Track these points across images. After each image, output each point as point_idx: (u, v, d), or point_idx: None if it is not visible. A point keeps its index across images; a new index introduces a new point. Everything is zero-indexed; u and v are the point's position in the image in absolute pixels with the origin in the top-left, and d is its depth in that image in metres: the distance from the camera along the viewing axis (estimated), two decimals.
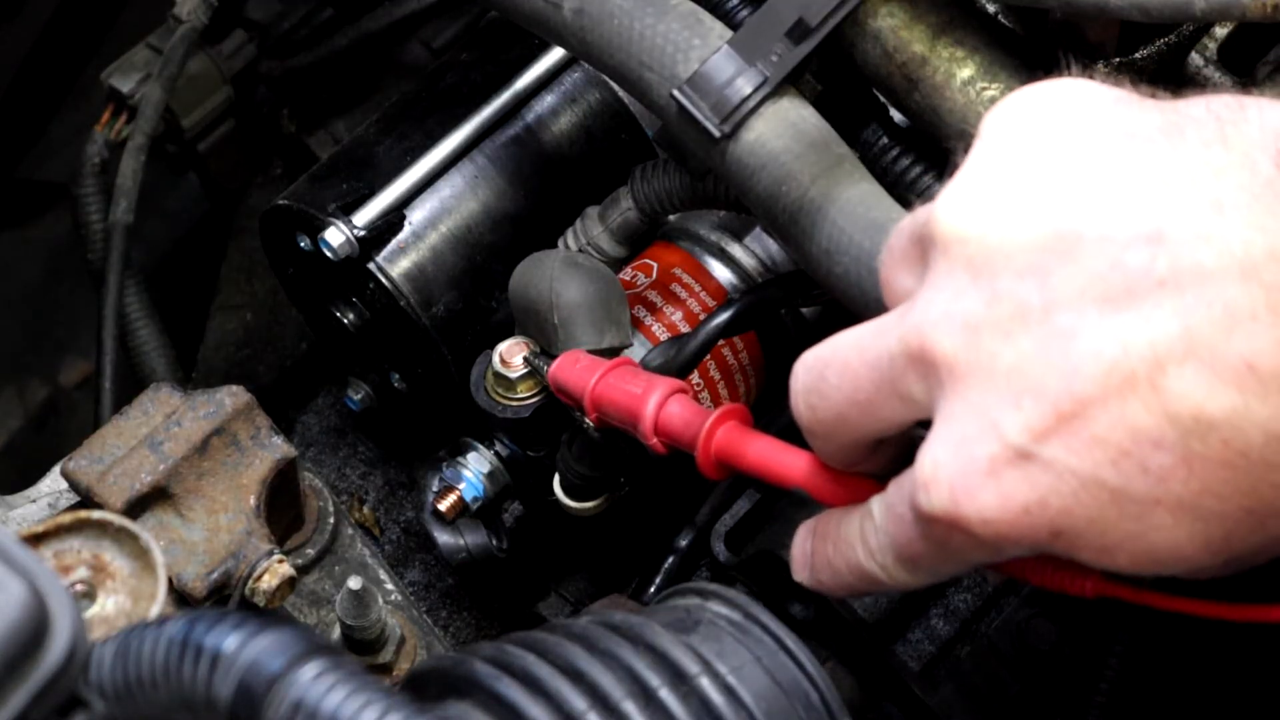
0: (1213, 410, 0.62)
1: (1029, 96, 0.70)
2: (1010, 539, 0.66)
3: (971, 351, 0.65)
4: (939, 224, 0.68)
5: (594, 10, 0.93)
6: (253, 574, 0.91)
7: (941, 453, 0.66)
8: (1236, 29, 0.96)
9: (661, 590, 1.08)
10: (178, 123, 1.51)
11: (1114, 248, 0.63)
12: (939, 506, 0.67)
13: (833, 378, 0.72)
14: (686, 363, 1.01)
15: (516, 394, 1.08)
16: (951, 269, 0.67)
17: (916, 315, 0.68)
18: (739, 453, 0.84)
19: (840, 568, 0.76)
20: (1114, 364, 0.63)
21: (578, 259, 1.07)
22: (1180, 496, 0.63)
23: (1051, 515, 0.65)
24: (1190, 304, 0.62)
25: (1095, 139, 0.67)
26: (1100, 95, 0.69)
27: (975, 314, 0.66)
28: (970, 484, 0.66)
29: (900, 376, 0.69)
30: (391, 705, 0.65)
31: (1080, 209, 0.65)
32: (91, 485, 0.91)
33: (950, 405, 0.66)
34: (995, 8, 0.97)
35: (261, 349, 1.49)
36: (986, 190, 0.67)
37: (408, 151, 1.17)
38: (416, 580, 1.31)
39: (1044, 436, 0.64)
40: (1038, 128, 0.68)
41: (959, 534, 0.67)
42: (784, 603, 1.06)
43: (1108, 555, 0.66)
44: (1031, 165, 0.67)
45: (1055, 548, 0.66)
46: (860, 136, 0.98)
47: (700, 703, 0.74)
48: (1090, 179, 0.65)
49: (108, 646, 0.69)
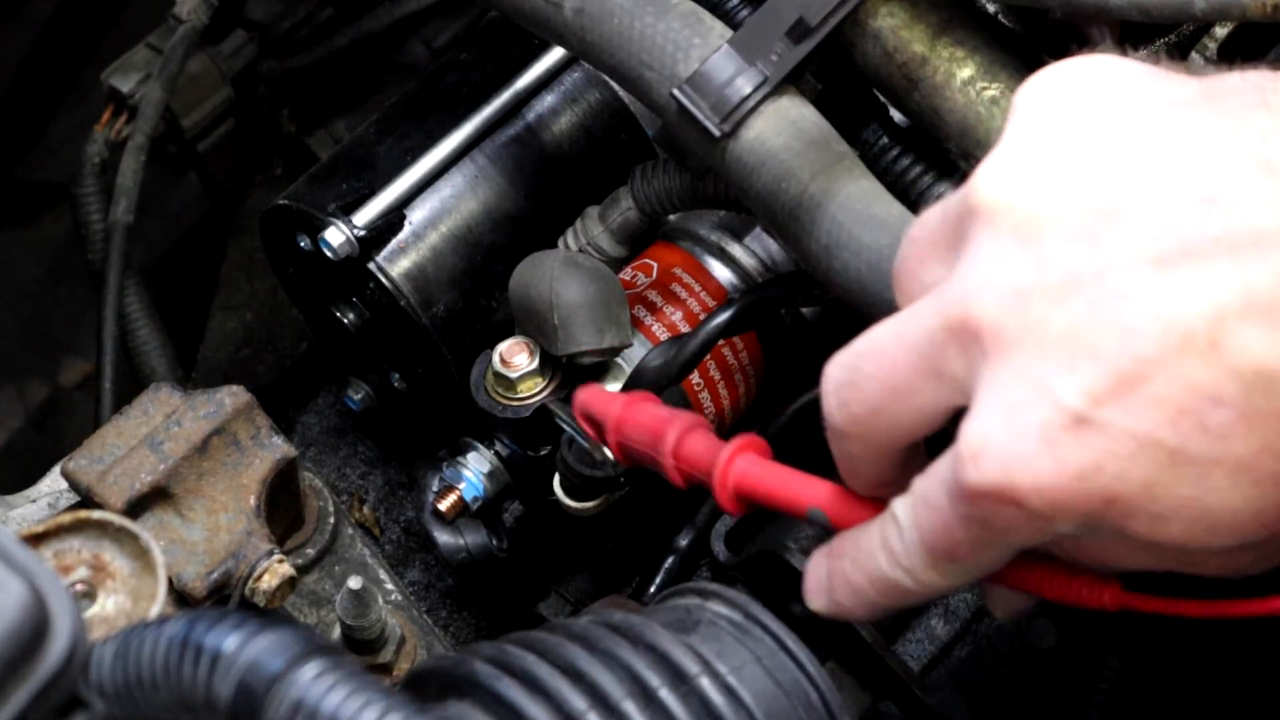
0: (1275, 365, 0.61)
1: (1063, 70, 0.69)
2: (1063, 507, 0.65)
3: (1020, 316, 0.64)
4: (981, 194, 0.67)
5: (594, 9, 0.93)
6: (253, 574, 0.91)
7: (990, 421, 0.65)
8: (1236, 29, 0.96)
9: (661, 590, 1.08)
10: (178, 123, 1.51)
11: (1167, 210, 0.63)
12: (990, 478, 0.65)
13: (868, 367, 0.71)
14: (686, 363, 1.01)
15: (516, 394, 1.08)
16: (996, 237, 0.66)
17: (957, 287, 0.67)
18: (755, 484, 0.81)
19: (861, 583, 0.74)
20: (1172, 322, 0.62)
21: (578, 259, 1.07)
22: (1240, 456, 0.62)
23: (1106, 480, 0.64)
24: (1248, 263, 0.62)
25: (1136, 107, 0.66)
26: (1134, 68, 0.68)
27: (1024, 279, 0.65)
28: (1023, 450, 0.64)
29: (940, 354, 0.67)
30: (391, 705, 0.65)
31: (1129, 173, 0.64)
32: (91, 485, 0.91)
33: (996, 373, 0.65)
34: (995, 8, 0.97)
35: (261, 349, 1.49)
36: (1030, 159, 0.67)
37: (408, 151, 1.17)
38: (416, 580, 1.31)
39: (1101, 399, 0.63)
40: (1076, 98, 0.68)
41: (1008, 508, 0.65)
42: (784, 603, 1.06)
43: (1160, 523, 0.65)
44: (1074, 133, 0.67)
45: (1107, 517, 0.65)
46: (860, 136, 0.98)
47: (700, 703, 0.74)
48: (1136, 144, 0.65)
49: (108, 646, 0.69)
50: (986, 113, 0.92)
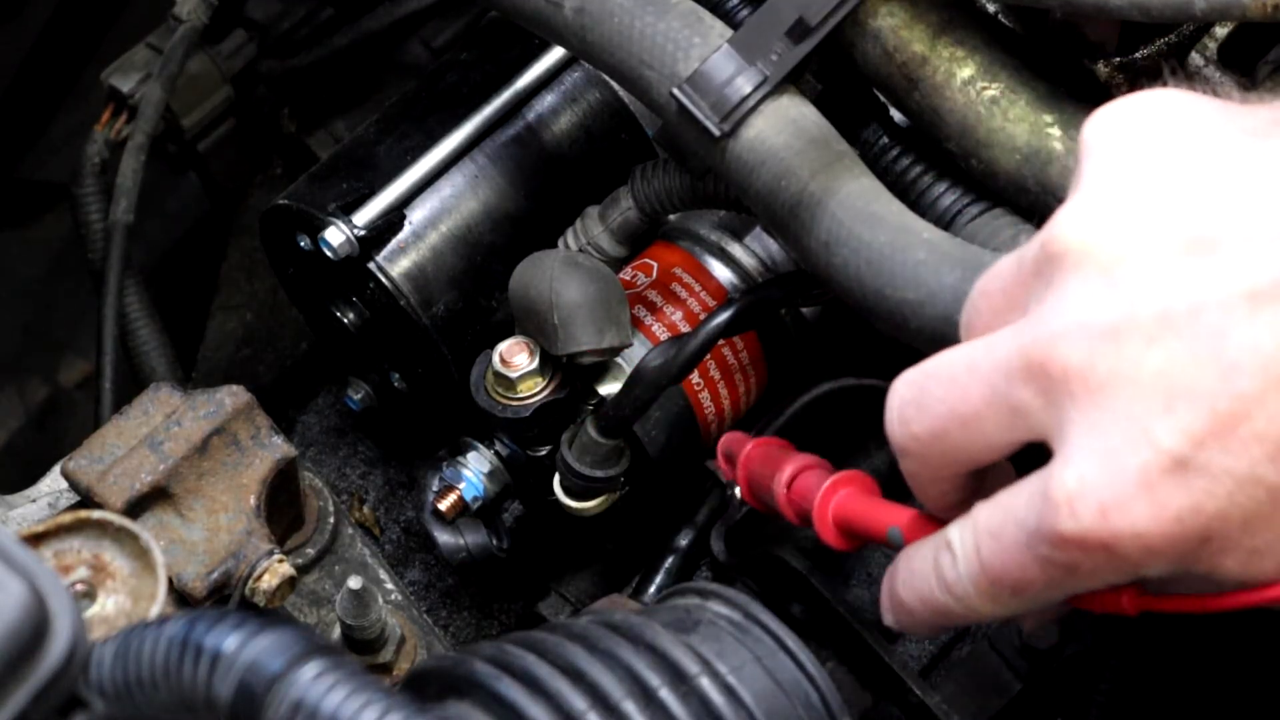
0: None
1: (1130, 105, 0.69)
2: (1159, 552, 0.64)
3: (1112, 358, 0.63)
4: (1065, 239, 0.66)
5: (594, 9, 0.93)
6: (253, 574, 0.91)
7: (1085, 466, 0.64)
8: (1237, 29, 0.96)
9: (661, 590, 1.08)
10: (178, 123, 1.51)
11: (1257, 242, 0.62)
12: (1085, 525, 0.64)
13: (936, 389, 0.70)
14: (686, 363, 1.01)
15: (516, 394, 1.08)
16: (1084, 279, 0.65)
17: (1041, 326, 0.65)
18: (847, 514, 0.85)
19: (913, 603, 0.74)
20: (1271, 357, 0.61)
21: (578, 259, 1.07)
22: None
23: (1205, 520, 0.63)
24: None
25: (1211, 139, 0.66)
26: (1200, 101, 0.68)
27: (1114, 321, 0.64)
28: (1122, 496, 0.63)
29: (1015, 391, 0.66)
30: (391, 705, 0.65)
31: (1214, 207, 0.64)
32: (91, 485, 0.91)
33: (1088, 416, 0.64)
34: (995, 8, 0.97)
35: (261, 349, 1.49)
36: (1111, 198, 0.66)
37: (408, 151, 1.17)
38: (416, 580, 1.31)
39: (1201, 440, 0.62)
40: (1147, 134, 0.67)
41: (1100, 554, 0.64)
42: (784, 603, 1.06)
43: (1256, 558, 0.64)
44: (1152, 169, 0.66)
45: (1200, 556, 0.64)
46: (860, 136, 0.98)
47: (700, 703, 0.74)
48: (1217, 176, 0.64)
49: (108, 646, 0.69)
50: (986, 113, 0.91)
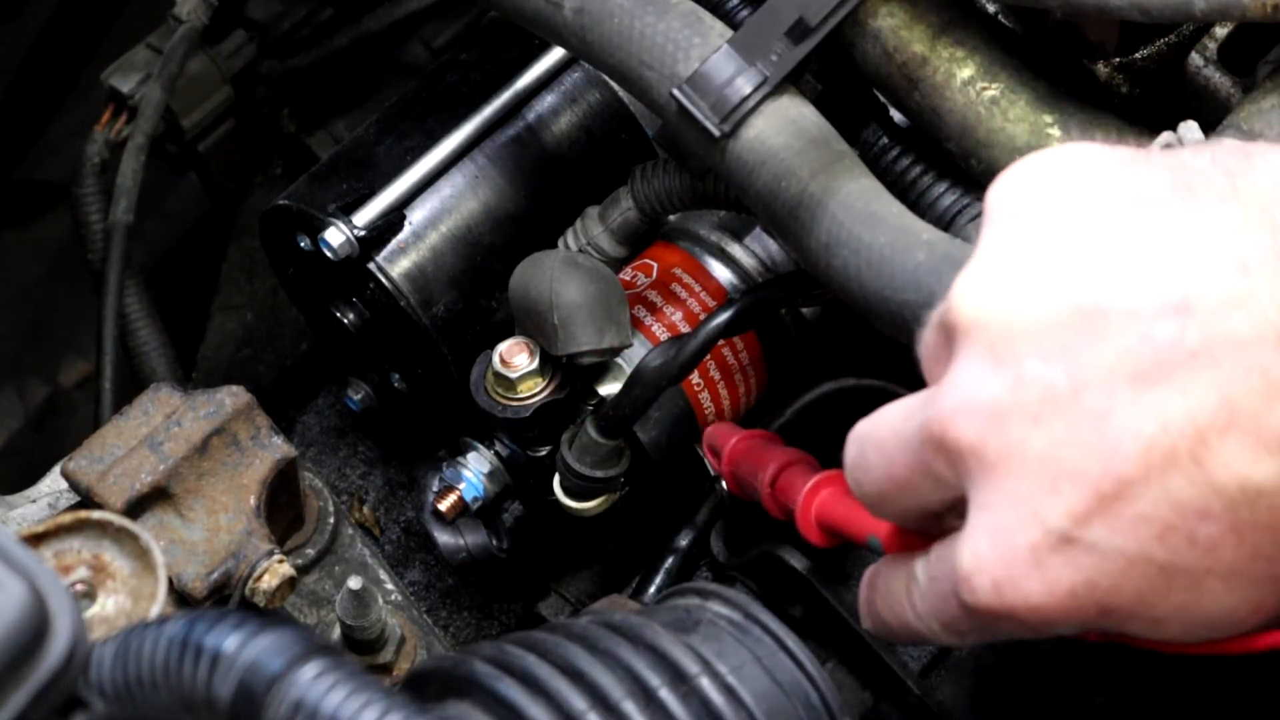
0: (1259, 479, 0.61)
1: (1032, 167, 0.68)
2: (1058, 622, 0.65)
3: (999, 439, 0.64)
4: (957, 310, 0.66)
5: (594, 9, 0.93)
6: (253, 574, 0.91)
7: (981, 544, 0.65)
8: (1236, 29, 0.96)
9: (661, 590, 1.08)
10: (178, 123, 1.51)
11: (1141, 321, 0.62)
12: (983, 600, 0.65)
13: (872, 455, 0.71)
14: (686, 363, 1.01)
15: (516, 394, 1.08)
16: (972, 354, 0.65)
17: (938, 403, 0.66)
18: (829, 515, 0.86)
19: (891, 621, 0.75)
20: (1152, 441, 0.61)
21: (578, 259, 1.07)
22: (1231, 564, 0.62)
23: (1099, 596, 0.64)
24: (1226, 374, 0.61)
25: (1107, 207, 0.65)
26: (1105, 159, 0.67)
27: (999, 400, 0.64)
28: (1014, 574, 0.64)
29: (930, 460, 0.67)
30: (391, 705, 0.65)
31: (1101, 282, 0.63)
32: (91, 485, 0.91)
33: (983, 494, 0.65)
34: (995, 8, 0.97)
35: (261, 349, 1.49)
36: (1002, 270, 0.66)
37: (408, 151, 1.17)
38: (416, 580, 1.31)
39: (1086, 519, 0.63)
40: (1046, 200, 0.67)
41: (1007, 621, 0.66)
42: (784, 603, 1.06)
43: (1159, 626, 0.65)
44: (1045, 240, 0.65)
45: (1104, 624, 0.65)
46: (860, 136, 0.98)
47: (700, 703, 0.74)
48: (1107, 249, 0.64)
49: (108, 646, 0.69)
50: (986, 113, 0.91)
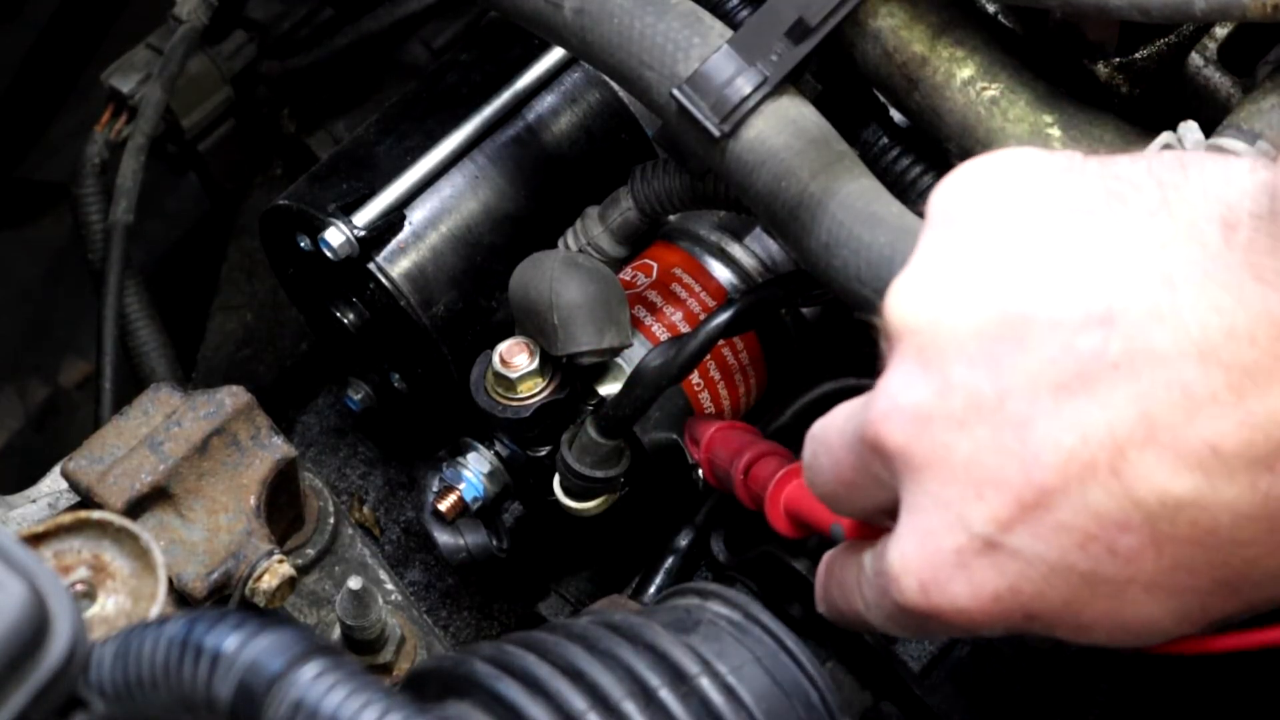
0: (1178, 492, 0.61)
1: (971, 173, 0.69)
2: (985, 625, 0.66)
3: (924, 443, 0.65)
4: (890, 314, 0.67)
5: (594, 9, 0.93)
6: (253, 574, 0.91)
7: (908, 546, 0.66)
8: (1236, 29, 0.96)
9: (661, 590, 1.08)
10: (178, 123, 1.51)
11: (1064, 331, 0.62)
12: (910, 600, 0.67)
13: (823, 455, 0.72)
14: (686, 363, 1.01)
15: (516, 394, 1.08)
16: (903, 359, 0.66)
17: (873, 406, 0.67)
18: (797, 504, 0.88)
19: (844, 609, 0.76)
20: (1072, 452, 0.62)
21: (578, 259, 1.07)
22: (1152, 575, 0.63)
23: (1024, 600, 0.65)
24: (1147, 387, 0.61)
25: (1039, 214, 0.65)
26: (1043, 165, 0.67)
27: (926, 405, 0.65)
28: (939, 576, 0.65)
29: (870, 463, 0.68)
30: (391, 705, 0.65)
31: (1028, 290, 0.64)
32: (91, 485, 0.91)
33: (911, 497, 0.66)
34: (995, 8, 0.97)
35: (261, 349, 1.49)
36: (933, 277, 0.66)
37: (408, 151, 1.17)
38: (416, 580, 1.31)
39: (1008, 526, 0.63)
40: (981, 206, 0.67)
41: (935, 621, 0.67)
42: (784, 603, 1.06)
43: (1084, 632, 0.66)
44: (977, 247, 0.66)
45: (1031, 629, 0.66)
46: (860, 136, 0.98)
47: (700, 703, 0.74)
48: (1036, 258, 0.64)
49: (108, 646, 0.69)
50: (986, 113, 0.92)
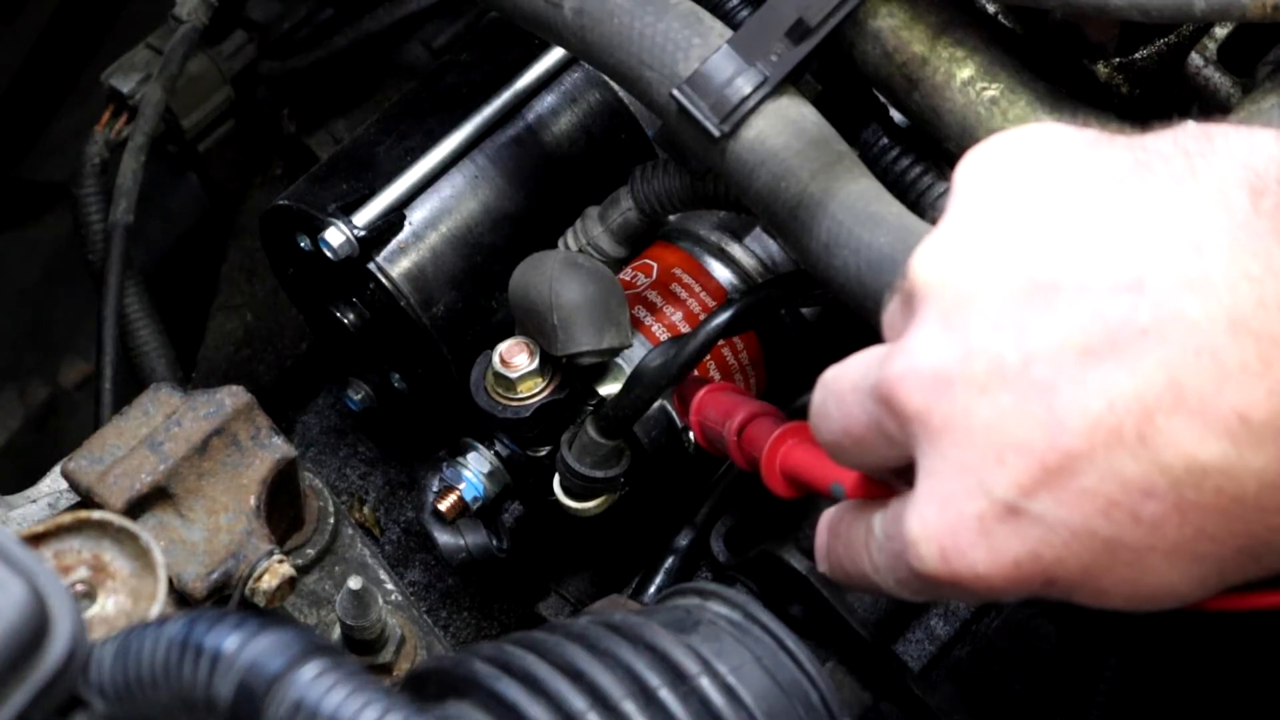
0: (1205, 459, 0.61)
1: (1001, 144, 0.69)
2: (1004, 590, 0.66)
3: (944, 407, 0.64)
4: (916, 273, 0.67)
5: (594, 9, 0.93)
6: (253, 574, 0.91)
7: (928, 512, 0.66)
8: (1236, 29, 0.96)
9: (661, 590, 1.08)
10: (178, 123, 1.51)
11: (1093, 297, 0.62)
12: (930, 566, 0.66)
13: (832, 405, 0.71)
14: (686, 363, 1.01)
15: (516, 394, 1.08)
16: (925, 320, 0.66)
17: (890, 365, 0.67)
18: (795, 463, 0.86)
19: (850, 571, 0.76)
20: (1099, 417, 0.62)
21: (577, 259, 1.07)
22: (1175, 542, 0.63)
23: (1045, 566, 0.64)
24: (1176, 354, 0.61)
25: (1068, 184, 0.66)
26: (1071, 138, 0.68)
27: (947, 368, 0.64)
28: (960, 542, 0.65)
29: (882, 419, 0.68)
30: (391, 705, 0.65)
31: (1057, 257, 0.64)
32: (91, 485, 0.91)
33: (930, 461, 0.66)
34: (995, 8, 0.97)
35: (261, 349, 1.49)
36: (962, 239, 0.66)
37: (408, 151, 1.17)
38: (416, 580, 1.31)
39: (1032, 491, 0.63)
40: (1011, 175, 0.67)
41: (952, 588, 0.67)
42: (784, 603, 1.06)
43: (1102, 597, 0.66)
44: (1006, 213, 0.66)
45: (1050, 594, 0.66)
46: (860, 136, 0.98)
47: (700, 703, 0.74)
48: (1065, 226, 0.64)
49: (108, 646, 0.69)
50: (986, 113, 0.92)
